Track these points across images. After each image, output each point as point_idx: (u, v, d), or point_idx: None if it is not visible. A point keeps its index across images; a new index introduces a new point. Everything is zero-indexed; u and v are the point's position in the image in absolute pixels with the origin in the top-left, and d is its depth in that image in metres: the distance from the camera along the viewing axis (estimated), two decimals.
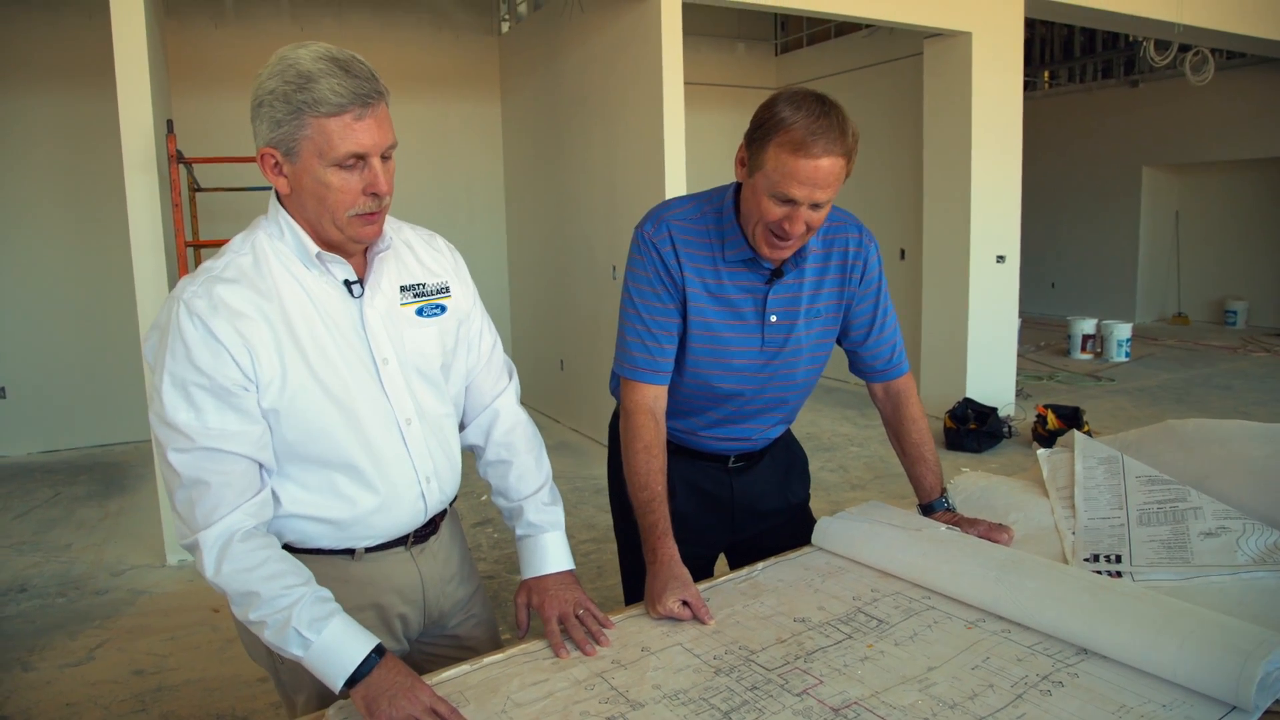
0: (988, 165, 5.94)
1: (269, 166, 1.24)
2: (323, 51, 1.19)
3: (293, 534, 1.34)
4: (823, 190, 1.41)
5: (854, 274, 1.65)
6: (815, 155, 1.37)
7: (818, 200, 1.42)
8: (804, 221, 1.44)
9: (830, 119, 1.38)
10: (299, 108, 1.17)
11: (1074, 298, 11.38)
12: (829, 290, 1.64)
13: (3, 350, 5.86)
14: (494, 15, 7.24)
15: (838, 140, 1.38)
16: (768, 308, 1.60)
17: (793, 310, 1.62)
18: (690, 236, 1.58)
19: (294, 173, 1.22)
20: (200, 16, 6.16)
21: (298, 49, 1.20)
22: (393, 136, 1.25)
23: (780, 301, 1.60)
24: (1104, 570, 1.50)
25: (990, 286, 6.11)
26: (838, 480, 5.10)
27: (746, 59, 8.17)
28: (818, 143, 1.37)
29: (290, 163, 1.22)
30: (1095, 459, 1.87)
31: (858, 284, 1.66)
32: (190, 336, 1.19)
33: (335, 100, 1.16)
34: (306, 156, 1.20)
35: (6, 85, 5.67)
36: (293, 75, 1.17)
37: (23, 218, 5.82)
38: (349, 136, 1.18)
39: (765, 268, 1.57)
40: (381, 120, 1.22)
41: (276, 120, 1.19)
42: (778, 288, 1.59)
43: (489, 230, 7.34)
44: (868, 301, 1.68)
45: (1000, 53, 5.90)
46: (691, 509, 1.77)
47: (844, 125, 1.39)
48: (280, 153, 1.21)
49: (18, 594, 3.72)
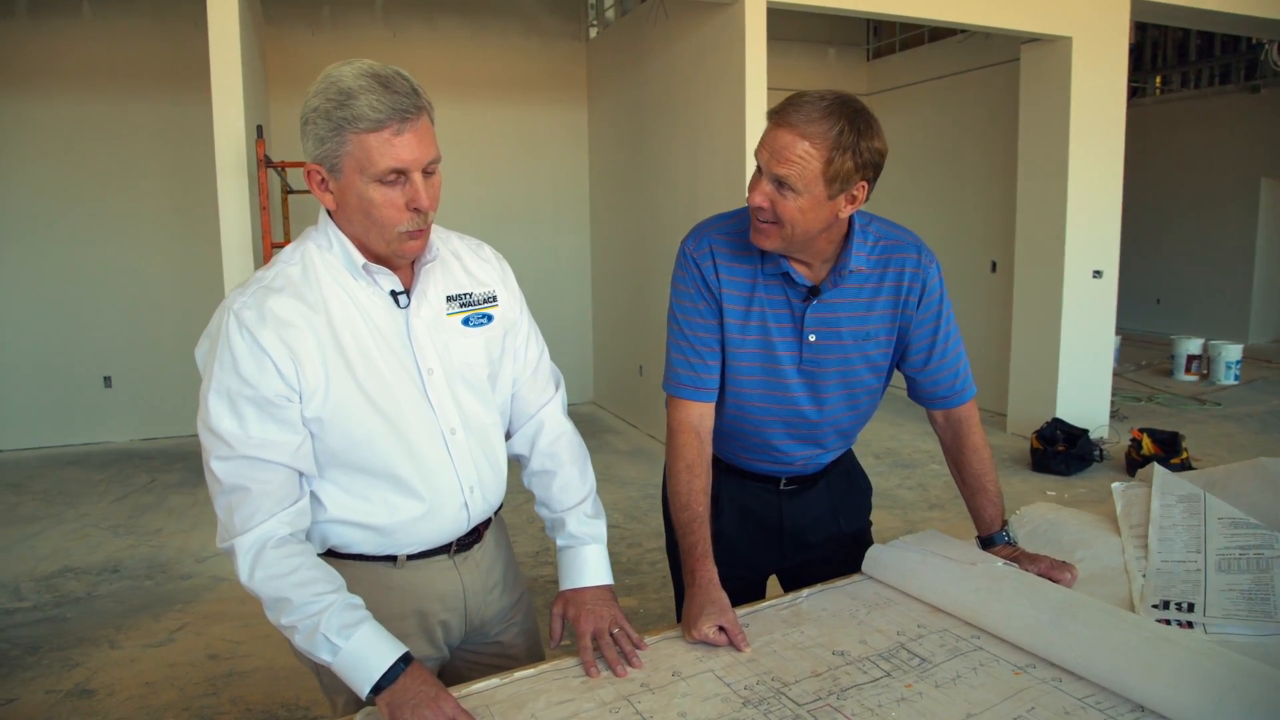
0: (1086, 176, 5.68)
1: (315, 183, 1.26)
2: (365, 68, 1.21)
3: (336, 539, 1.36)
4: (780, 164, 1.37)
5: (911, 296, 1.57)
6: (780, 123, 1.37)
7: (775, 172, 1.38)
8: (764, 195, 1.40)
9: (821, 106, 1.35)
10: (340, 124, 1.19)
11: (1180, 315, 10.77)
12: (881, 313, 1.57)
13: (109, 342, 6.20)
14: (582, 21, 7.30)
15: (810, 120, 1.35)
16: (805, 326, 1.55)
17: (834, 330, 1.56)
18: (731, 250, 1.55)
19: (339, 189, 1.25)
20: (298, 24, 6.39)
21: (342, 66, 1.22)
22: (435, 152, 1.25)
23: (820, 321, 1.55)
24: (1173, 619, 1.40)
25: (1085, 302, 5.85)
26: (916, 499, 4.95)
27: (837, 65, 8.03)
28: (790, 113, 1.36)
29: (335, 179, 1.24)
30: (1174, 496, 1.75)
31: (915, 307, 1.58)
32: (238, 347, 1.23)
33: (374, 116, 1.17)
34: (349, 172, 1.22)
35: (115, 90, 6.00)
36: (334, 92, 1.19)
37: (129, 216, 6.15)
38: (388, 152, 1.19)
39: (802, 284, 1.53)
40: (422, 135, 1.22)
41: (320, 137, 1.21)
42: (816, 306, 1.54)
43: (573, 235, 7.40)
44: (927, 325, 1.60)
45: (1102, 58, 5.64)
46: (738, 530, 1.73)
47: (834, 118, 1.35)
48: (325, 169, 1.24)
49: (111, 574, 3.91)
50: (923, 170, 7.48)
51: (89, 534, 4.44)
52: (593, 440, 6.20)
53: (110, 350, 6.21)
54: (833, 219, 1.44)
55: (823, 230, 1.45)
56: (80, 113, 5.96)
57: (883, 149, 1.41)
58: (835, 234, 1.50)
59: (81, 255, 6.10)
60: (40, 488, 5.25)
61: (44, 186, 5.98)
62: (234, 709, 2.78)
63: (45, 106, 5.91)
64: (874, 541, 1.78)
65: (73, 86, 5.92)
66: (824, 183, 1.38)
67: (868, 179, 1.42)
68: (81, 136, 5.99)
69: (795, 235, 1.44)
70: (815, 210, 1.41)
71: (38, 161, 5.94)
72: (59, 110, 5.93)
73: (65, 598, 3.66)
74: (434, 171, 1.26)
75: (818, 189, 1.38)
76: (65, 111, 5.94)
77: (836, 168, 1.37)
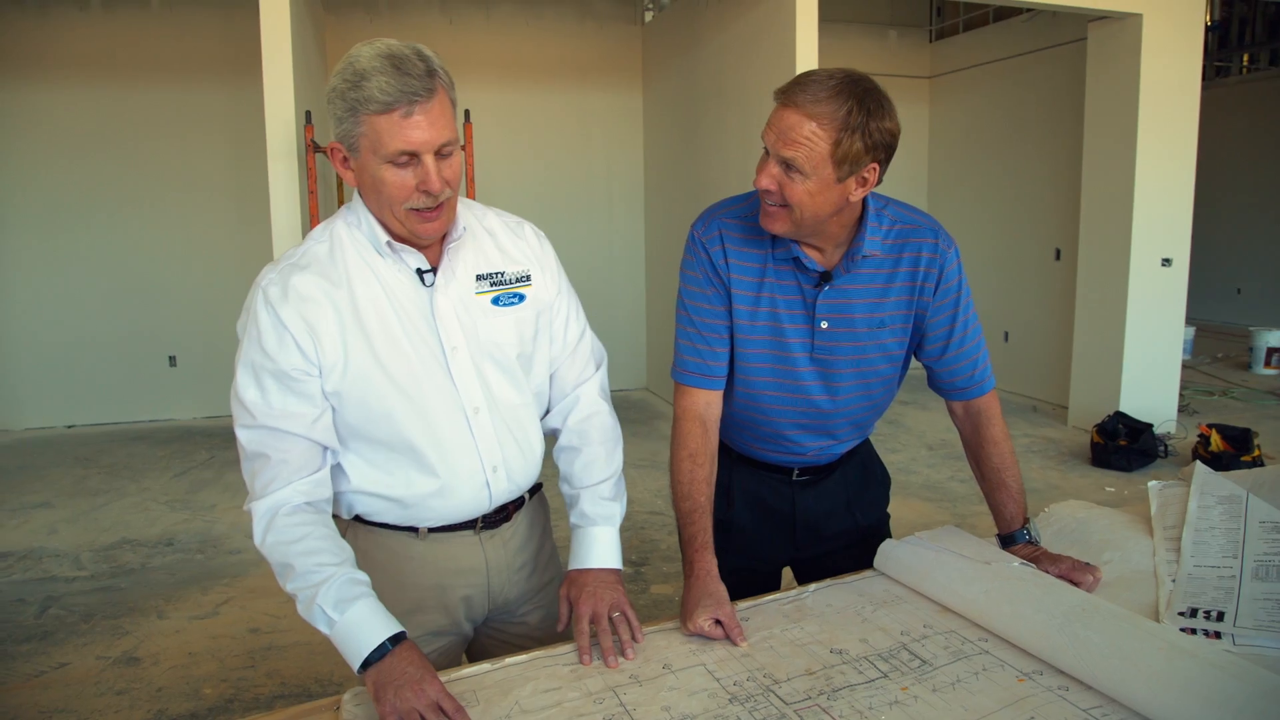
0: (1155, 161, 5.43)
1: (338, 160, 1.28)
2: (383, 49, 1.21)
3: (362, 507, 1.40)
4: (787, 146, 1.32)
5: (928, 282, 1.50)
6: (786, 103, 1.33)
7: (782, 155, 1.33)
8: (771, 176, 1.36)
9: (829, 85, 1.31)
10: (354, 105, 1.20)
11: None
12: (897, 299, 1.51)
13: (174, 322, 6.41)
14: (637, 4, 7.25)
15: (817, 100, 1.30)
16: (817, 313, 1.49)
17: (847, 318, 1.50)
18: (742, 234, 1.50)
19: (357, 167, 1.27)
20: (356, 10, 6.48)
21: (364, 46, 1.22)
22: (449, 134, 1.24)
23: (832, 308, 1.49)
24: (1200, 628, 1.32)
25: (1153, 291, 5.60)
26: (965, 491, 4.82)
27: (899, 46, 7.83)
28: (795, 93, 1.32)
29: (354, 158, 1.26)
30: (1214, 497, 1.65)
31: (933, 293, 1.51)
32: (262, 322, 1.27)
33: (383, 99, 1.18)
34: (364, 152, 1.23)
35: (179, 78, 6.18)
36: (350, 73, 1.20)
37: (193, 202, 6.34)
38: (398, 134, 1.19)
39: (813, 269, 1.47)
40: (435, 118, 1.21)
41: (339, 117, 1.23)
42: (829, 292, 1.49)
43: (628, 221, 7.38)
44: (944, 313, 1.53)
45: (1175, 36, 5.37)
46: (750, 521, 1.70)
47: (842, 98, 1.30)
48: (345, 147, 1.26)
49: (165, 547, 4.05)
50: (986, 155, 7.26)
51: (148, 507, 4.60)
52: (644, 426, 6.21)
53: (175, 331, 6.42)
54: (843, 202, 1.39)
55: (833, 214, 1.40)
56: (145, 101, 6.16)
57: (894, 129, 1.35)
58: (848, 218, 1.45)
59: (148, 239, 6.31)
60: (107, 462, 5.46)
61: (113, 174, 6.20)
62: (269, 682, 2.85)
63: (113, 96, 6.12)
64: (892, 535, 1.72)
65: (139, 76, 6.12)
66: (832, 165, 1.33)
67: (879, 160, 1.36)
68: (147, 125, 6.19)
69: (804, 219, 1.39)
70: (824, 193, 1.36)
71: (105, 150, 6.16)
72: (126, 99, 6.14)
73: (121, 568, 3.80)
74: (450, 153, 1.25)
75: (826, 171, 1.33)
76: (132, 100, 6.14)
77: (845, 149, 1.32)
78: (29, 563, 3.88)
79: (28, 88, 6.01)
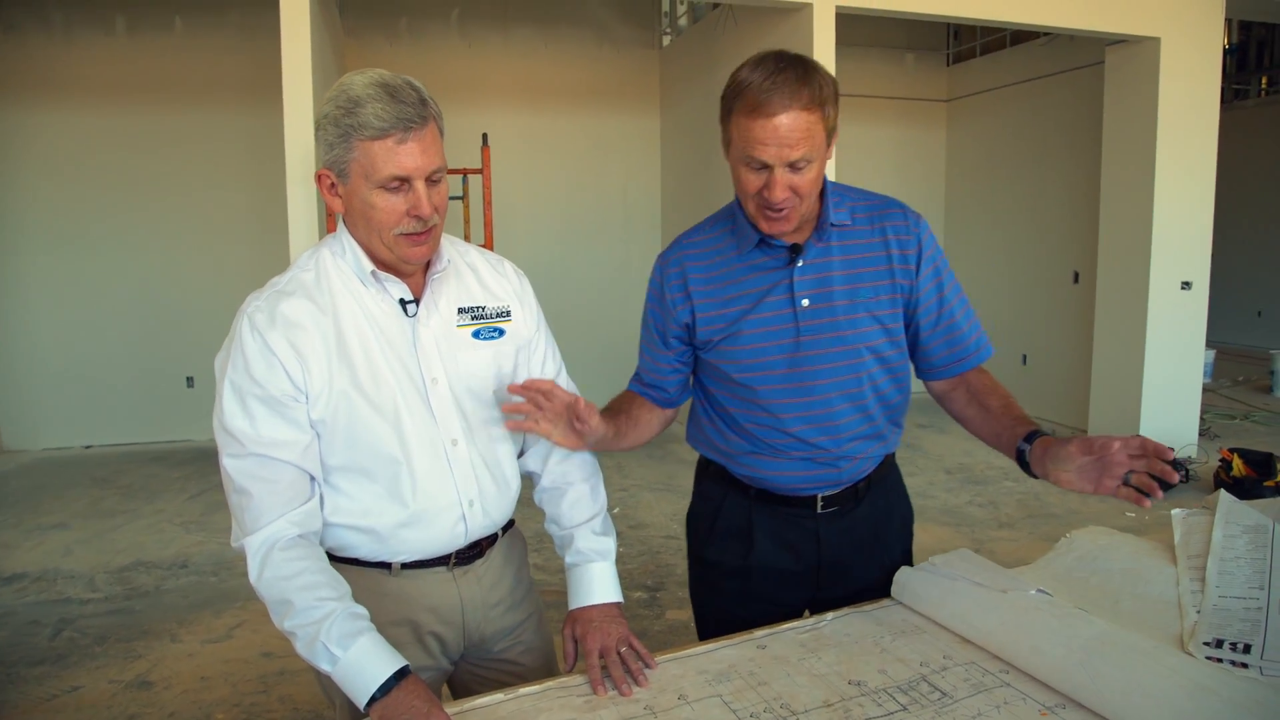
0: (1174, 184, 5.40)
1: (325, 187, 1.29)
2: (376, 78, 1.23)
3: (333, 540, 1.37)
4: (792, 149, 1.34)
5: (908, 262, 1.51)
6: (771, 113, 1.33)
7: (790, 159, 1.35)
8: (786, 186, 1.37)
9: (787, 74, 1.33)
10: (347, 131, 1.22)
11: None
12: (876, 270, 1.51)
13: (193, 343, 6.43)
14: (655, 29, 7.31)
15: (795, 94, 1.32)
16: (795, 291, 1.49)
17: (827, 292, 1.50)
18: (704, 256, 1.56)
19: (346, 194, 1.28)
20: (377, 36, 6.57)
21: (355, 75, 1.25)
22: (439, 161, 1.27)
23: (810, 283, 1.50)
24: (1226, 659, 1.28)
25: (1173, 315, 5.56)
26: (986, 516, 4.77)
27: (916, 70, 7.84)
28: (772, 100, 1.32)
29: (343, 184, 1.27)
30: (1239, 526, 1.62)
31: (915, 270, 1.52)
32: (249, 348, 1.26)
33: (378, 124, 1.20)
34: (355, 178, 1.25)
35: (201, 101, 6.27)
36: (344, 100, 1.22)
37: (213, 224, 6.41)
38: (391, 160, 1.22)
39: (779, 245, 1.49)
40: (427, 145, 1.24)
41: (329, 143, 1.25)
42: (804, 268, 1.49)
43: (645, 244, 7.36)
44: (929, 283, 1.53)
45: (1193, 60, 5.36)
46: (772, 561, 1.63)
47: (806, 76, 1.34)
48: (334, 174, 1.27)
49: (179, 569, 4.05)
50: (1004, 178, 7.24)
51: (163, 529, 4.61)
52: (659, 449, 6.18)
53: (193, 352, 6.44)
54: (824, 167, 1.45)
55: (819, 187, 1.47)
56: (167, 124, 6.25)
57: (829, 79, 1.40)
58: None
59: (168, 261, 6.38)
60: (124, 483, 5.49)
61: (134, 196, 6.28)
62: (281, 707, 2.83)
63: (135, 118, 6.22)
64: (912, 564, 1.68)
65: (161, 99, 6.22)
66: (827, 139, 1.40)
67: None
68: (168, 147, 6.28)
69: (807, 203, 1.44)
70: (821, 169, 1.43)
71: (127, 172, 6.25)
72: (148, 122, 6.23)
73: (135, 590, 3.81)
74: (439, 180, 1.29)
75: (824, 148, 1.40)
76: (153, 123, 6.24)
77: (832, 119, 1.39)
78: (44, 584, 3.89)
79: (53, 111, 6.11)
